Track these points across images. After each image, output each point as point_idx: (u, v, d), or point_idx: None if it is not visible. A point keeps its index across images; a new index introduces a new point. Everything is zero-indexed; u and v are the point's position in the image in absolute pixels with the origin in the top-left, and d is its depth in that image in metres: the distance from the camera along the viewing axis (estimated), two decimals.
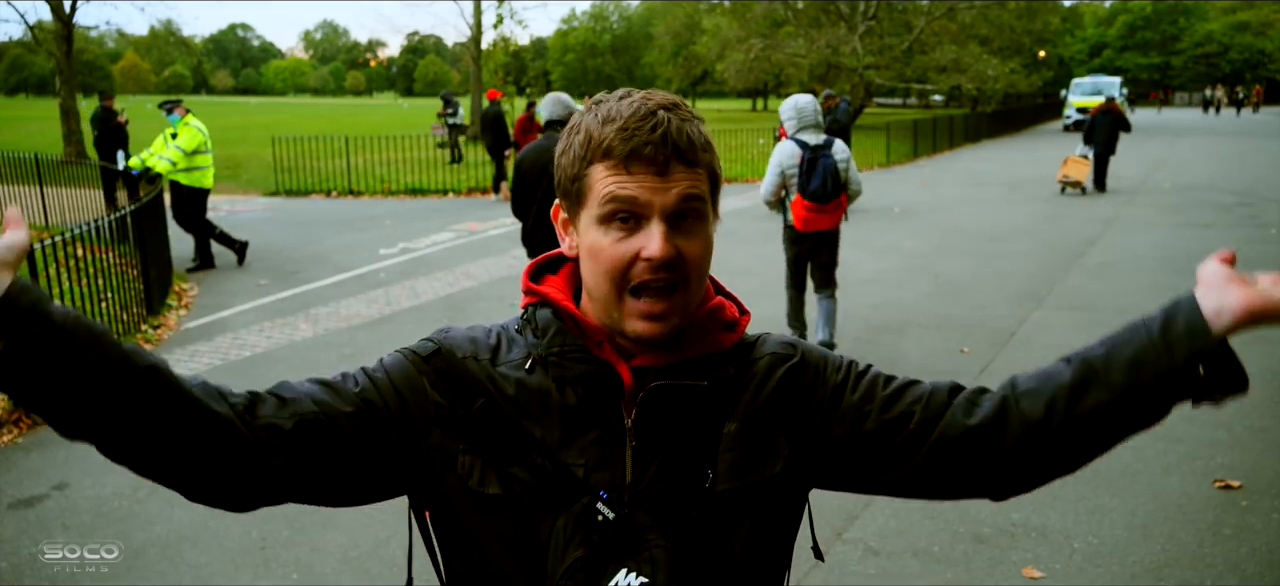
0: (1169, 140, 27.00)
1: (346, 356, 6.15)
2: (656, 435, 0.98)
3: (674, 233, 0.92)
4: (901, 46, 32.28)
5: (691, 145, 0.93)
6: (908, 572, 3.41)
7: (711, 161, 0.97)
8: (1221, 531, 3.65)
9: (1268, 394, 5.18)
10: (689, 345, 0.99)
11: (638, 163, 0.91)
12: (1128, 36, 68.29)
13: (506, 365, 1.01)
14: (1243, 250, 5.12)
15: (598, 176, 0.93)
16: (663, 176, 0.91)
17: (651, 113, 0.92)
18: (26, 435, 4.81)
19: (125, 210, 7.13)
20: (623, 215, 0.92)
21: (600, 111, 0.95)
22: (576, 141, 0.96)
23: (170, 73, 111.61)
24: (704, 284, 0.99)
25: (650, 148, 0.91)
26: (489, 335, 1.05)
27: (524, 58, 33.94)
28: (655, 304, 0.93)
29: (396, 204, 14.32)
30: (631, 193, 0.91)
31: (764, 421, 1.01)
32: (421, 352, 1.03)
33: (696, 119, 0.96)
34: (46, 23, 19.59)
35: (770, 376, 1.03)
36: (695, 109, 0.98)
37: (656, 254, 0.91)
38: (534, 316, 1.02)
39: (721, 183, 1.00)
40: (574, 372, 0.97)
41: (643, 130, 0.91)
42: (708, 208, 0.96)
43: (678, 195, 0.92)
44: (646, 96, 0.95)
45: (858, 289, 8.04)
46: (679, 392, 0.98)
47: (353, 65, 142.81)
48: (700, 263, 0.96)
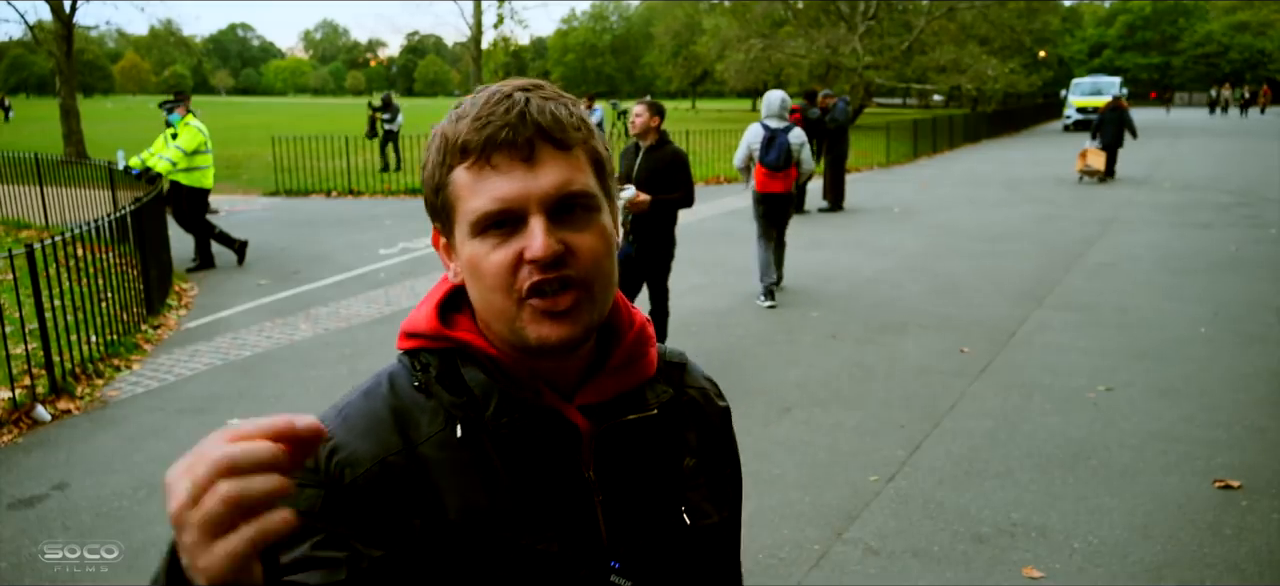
0: (1169, 140, 27.00)
1: (346, 356, 6.16)
2: (621, 482, 0.88)
3: (558, 226, 0.79)
4: (901, 46, 32.30)
5: (558, 123, 0.80)
6: (908, 572, 3.41)
7: (590, 141, 0.83)
8: (1221, 531, 3.65)
9: (1268, 394, 5.19)
10: (627, 372, 0.88)
11: (498, 152, 0.78)
12: (1127, 36, 68.31)
13: (429, 444, 0.83)
14: (1243, 250, 5.20)
15: (460, 182, 0.80)
16: (530, 163, 0.78)
17: (506, 95, 0.80)
18: (26, 435, 4.81)
19: (125, 210, 7.13)
20: (496, 219, 0.79)
21: (454, 111, 0.83)
22: (433, 149, 0.83)
23: (170, 73, 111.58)
24: (612, 287, 0.85)
25: (507, 130, 0.78)
26: (379, 407, 0.85)
27: (524, 58, 34.02)
28: (555, 300, 0.79)
29: (396, 204, 14.32)
30: (501, 195, 0.78)
31: (715, 452, 0.98)
32: (310, 508, 0.78)
33: (564, 98, 0.83)
34: (46, 23, 19.57)
35: (712, 407, 1.00)
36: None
37: (539, 252, 0.77)
38: (455, 373, 0.84)
39: (610, 168, 0.86)
40: (522, 434, 0.83)
41: (496, 115, 0.78)
42: (599, 196, 0.82)
43: (554, 184, 0.79)
44: (502, 84, 0.82)
45: (858, 289, 8.04)
46: (633, 429, 0.89)
47: (353, 65, 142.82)
48: (598, 258, 0.81)
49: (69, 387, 5.33)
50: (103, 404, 5.30)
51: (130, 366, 5.96)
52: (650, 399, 0.91)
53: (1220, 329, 6.56)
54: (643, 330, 0.91)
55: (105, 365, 5.83)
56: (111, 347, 6.05)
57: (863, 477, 4.20)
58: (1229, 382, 5.37)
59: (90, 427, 4.94)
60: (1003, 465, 4.30)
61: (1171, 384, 5.38)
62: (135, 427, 4.92)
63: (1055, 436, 4.62)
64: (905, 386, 5.42)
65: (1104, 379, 5.48)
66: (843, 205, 13.19)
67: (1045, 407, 5.04)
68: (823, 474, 4.25)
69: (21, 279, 6.46)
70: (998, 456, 4.41)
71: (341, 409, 0.86)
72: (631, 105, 7.94)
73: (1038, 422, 4.82)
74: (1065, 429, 4.72)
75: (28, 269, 5.40)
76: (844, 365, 5.85)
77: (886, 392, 5.33)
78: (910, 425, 4.81)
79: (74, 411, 5.15)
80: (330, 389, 5.51)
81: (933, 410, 5.01)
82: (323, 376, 5.75)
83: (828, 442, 4.61)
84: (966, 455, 4.42)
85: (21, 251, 5.48)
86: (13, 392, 5.11)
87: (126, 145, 10.83)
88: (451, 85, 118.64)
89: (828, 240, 10.66)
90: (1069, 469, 4.24)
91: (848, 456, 4.44)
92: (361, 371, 6.15)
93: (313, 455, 0.75)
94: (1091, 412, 4.95)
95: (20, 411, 4.95)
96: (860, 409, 5.08)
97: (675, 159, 5.48)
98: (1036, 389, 5.32)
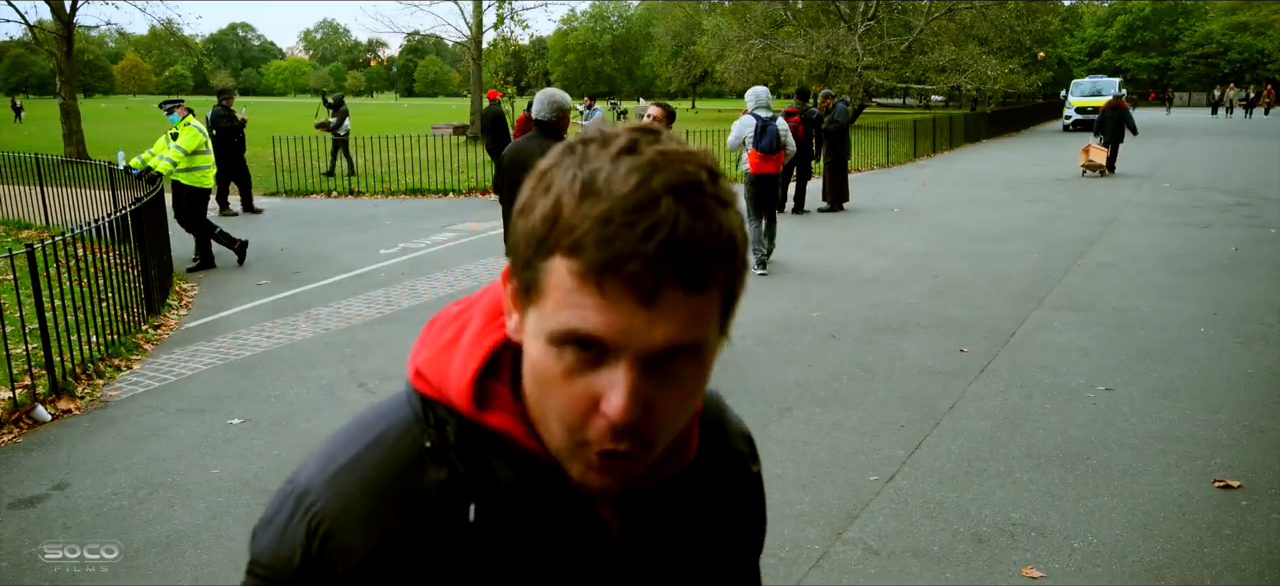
0: (1169, 140, 27.00)
1: (346, 356, 6.16)
2: (645, 559, 0.80)
3: (650, 379, 0.64)
4: (901, 47, 32.28)
5: (702, 256, 0.62)
6: (908, 572, 3.41)
7: (731, 274, 0.65)
8: (1221, 531, 3.65)
9: (1268, 394, 5.19)
10: (667, 465, 0.77)
11: (614, 281, 0.61)
12: (1127, 37, 68.30)
13: (436, 526, 0.72)
14: (1242, 251, 5.20)
15: (556, 278, 0.63)
16: (647, 306, 0.61)
17: (653, 200, 0.61)
18: (26, 435, 4.81)
19: (125, 210, 7.13)
20: (580, 343, 0.64)
21: (583, 171, 0.63)
22: (541, 207, 0.64)
23: (171, 73, 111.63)
24: (687, 421, 0.72)
25: (637, 264, 0.60)
26: (373, 475, 0.72)
27: (524, 58, 34.03)
28: (612, 467, 0.68)
29: (396, 204, 14.32)
30: (595, 328, 0.62)
31: (742, 511, 0.91)
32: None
33: (724, 202, 0.64)
34: (47, 23, 19.58)
35: (744, 473, 0.90)
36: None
37: (617, 416, 0.64)
38: (478, 449, 0.73)
39: (742, 291, 0.68)
40: (549, 529, 0.74)
41: (634, 231, 0.60)
42: (711, 343, 0.67)
43: (666, 339, 0.63)
44: (656, 161, 0.62)
45: (858, 289, 8.04)
46: (660, 512, 0.80)
47: (353, 65, 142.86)
48: (683, 411, 0.69)
49: (69, 387, 5.33)
50: (103, 404, 5.30)
51: (130, 366, 5.96)
52: (682, 484, 0.81)
53: (1220, 329, 6.56)
54: (688, 424, 0.78)
55: (106, 365, 5.83)
56: (112, 347, 6.05)
57: (863, 477, 4.20)
58: (1229, 382, 5.37)
59: (90, 427, 4.94)
60: (1003, 465, 4.30)
61: (1171, 384, 5.38)
62: (135, 427, 4.92)
63: (1055, 436, 4.62)
64: (905, 386, 5.42)
65: (1104, 379, 5.48)
66: (843, 205, 13.19)
67: (1045, 407, 5.04)
68: (823, 474, 4.25)
69: (22, 279, 6.47)
70: (998, 456, 4.41)
71: (331, 474, 0.73)
72: (631, 106, 7.93)
73: (1037, 422, 4.82)
74: (1065, 429, 4.72)
75: (28, 269, 5.40)
76: (844, 365, 5.85)
77: (886, 392, 5.33)
78: (910, 425, 4.81)
79: (74, 411, 5.16)
80: (330, 389, 5.52)
81: (933, 410, 5.01)
82: (323, 376, 5.75)
83: (828, 442, 4.61)
84: (966, 455, 4.42)
85: (22, 251, 5.48)
86: (13, 392, 5.11)
87: (126, 145, 10.84)
88: (452, 85, 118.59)
89: (828, 240, 10.66)
90: (1069, 469, 4.24)
91: (848, 456, 4.44)
92: (361, 372, 6.15)
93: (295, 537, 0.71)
94: (1091, 412, 4.95)
95: (20, 411, 4.95)
96: (860, 409, 5.08)
97: None
98: (1036, 389, 5.33)
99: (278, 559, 0.72)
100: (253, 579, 0.75)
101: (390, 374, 5.75)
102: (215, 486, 4.18)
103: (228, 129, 12.82)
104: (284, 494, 0.75)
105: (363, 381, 5.66)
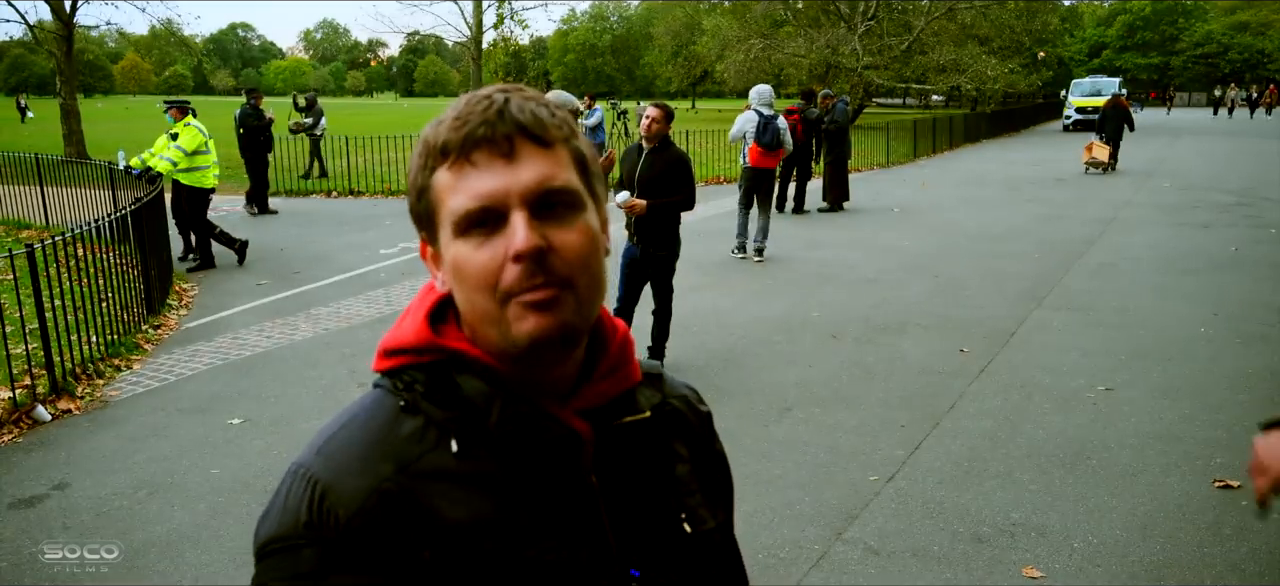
0: (1169, 140, 27.00)
1: (346, 356, 6.16)
2: (622, 489, 0.86)
3: (541, 223, 0.77)
4: (901, 47, 32.28)
5: (538, 120, 0.78)
6: (908, 572, 3.42)
7: (572, 140, 0.81)
8: (1221, 531, 3.66)
9: (1268, 394, 5.19)
10: (617, 377, 0.87)
11: (478, 149, 0.77)
12: (1127, 37, 68.29)
13: (423, 463, 0.79)
14: (1243, 250, 5.19)
15: (441, 184, 0.79)
16: (510, 159, 0.77)
17: (485, 96, 0.80)
18: (27, 435, 4.81)
19: (125, 210, 7.13)
20: (478, 217, 0.77)
21: (437, 118, 0.82)
22: (416, 155, 0.82)
23: (171, 73, 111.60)
24: (600, 288, 0.82)
25: (485, 127, 0.77)
26: (361, 435, 0.80)
27: (524, 58, 34.09)
28: (539, 293, 0.76)
29: (396, 204, 14.32)
30: (480, 193, 0.76)
31: (705, 459, 0.98)
32: (311, 569, 0.75)
33: (544, 99, 0.82)
34: (47, 23, 19.56)
35: (695, 414, 0.99)
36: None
37: (521, 245, 0.75)
38: (446, 386, 0.81)
39: (594, 168, 0.84)
40: (524, 442, 0.81)
41: (475, 113, 0.78)
42: (582, 194, 0.80)
43: (535, 179, 0.77)
44: (482, 89, 0.82)
45: (858, 289, 8.04)
46: (629, 436, 0.88)
47: (353, 65, 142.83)
48: (585, 256, 0.78)
49: (69, 387, 5.33)
50: (103, 404, 5.30)
51: (130, 366, 5.96)
52: (641, 401, 0.89)
53: (1220, 329, 6.56)
54: (626, 336, 0.90)
55: (106, 365, 5.83)
56: (112, 347, 6.05)
57: (863, 477, 4.20)
58: (1229, 382, 5.37)
59: (90, 427, 4.94)
60: (1003, 465, 4.30)
61: (1171, 384, 5.38)
62: (135, 427, 4.92)
63: (1055, 436, 4.62)
64: (905, 386, 5.42)
65: (1104, 379, 5.48)
66: (843, 205, 13.20)
67: (1045, 407, 5.04)
68: (823, 474, 4.25)
69: (22, 279, 6.47)
70: (998, 456, 4.41)
71: (319, 447, 0.81)
72: (631, 106, 7.93)
73: (1038, 422, 4.82)
74: (1065, 429, 4.72)
75: (28, 269, 5.40)
76: (844, 365, 5.85)
77: (886, 392, 5.33)
78: (910, 425, 4.82)
79: (74, 411, 5.16)
80: (330, 389, 5.52)
81: (933, 410, 5.01)
82: (323, 376, 5.75)
83: (828, 442, 4.61)
84: (966, 455, 4.42)
85: (22, 251, 5.48)
86: (13, 392, 5.11)
87: (126, 145, 10.84)
88: (452, 85, 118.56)
89: (828, 240, 10.67)
90: (1069, 469, 4.24)
91: (848, 456, 4.44)
92: (361, 372, 6.15)
93: (297, 503, 0.77)
94: (1091, 412, 4.95)
95: (20, 411, 4.95)
96: (860, 409, 5.08)
97: (679, 161, 5.51)
98: (1036, 389, 5.33)
99: (282, 528, 0.78)
100: (264, 563, 0.78)
101: None
102: (215, 486, 4.18)
103: (255, 127, 12.70)
104: (281, 482, 0.81)
105: (363, 381, 5.67)
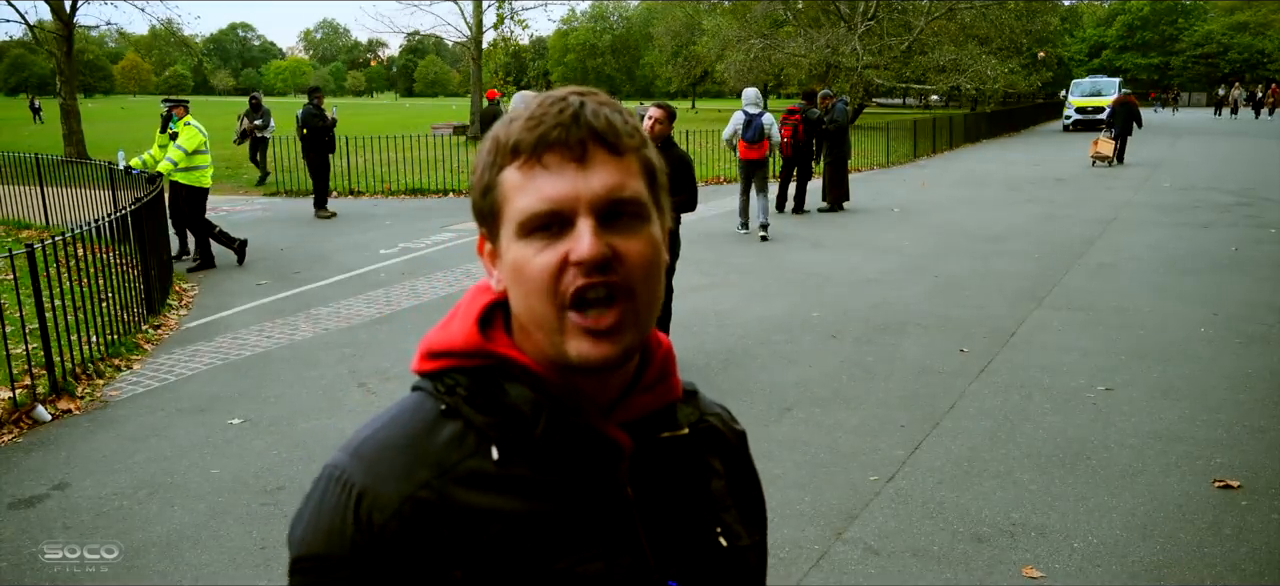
0: (1169, 140, 27.00)
1: (346, 356, 6.16)
2: (658, 503, 0.86)
3: (607, 230, 0.76)
4: (901, 47, 32.27)
5: (613, 129, 0.77)
6: (908, 572, 3.42)
7: (643, 150, 0.80)
8: (1221, 531, 3.65)
9: (1268, 394, 5.19)
10: (659, 391, 0.86)
11: (550, 152, 0.76)
12: (1127, 37, 68.30)
13: (462, 470, 0.78)
14: (1243, 250, 5.19)
15: (509, 182, 0.78)
16: (582, 164, 0.76)
17: (561, 99, 0.78)
18: (26, 435, 4.81)
19: (125, 210, 7.13)
20: (544, 220, 0.76)
21: (510, 115, 0.81)
22: (484, 152, 0.81)
23: (171, 73, 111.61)
24: (657, 304, 0.81)
25: (559, 130, 0.76)
26: (398, 438, 0.80)
27: (524, 58, 34.11)
28: (600, 317, 0.76)
29: (396, 204, 14.32)
30: (549, 197, 0.75)
31: (740, 476, 0.98)
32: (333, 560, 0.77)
33: (619, 106, 0.81)
34: (47, 23, 19.57)
35: (730, 432, 0.98)
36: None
37: (586, 254, 0.74)
38: (491, 391, 0.81)
39: (662, 181, 0.84)
40: (568, 454, 0.80)
41: (550, 115, 0.76)
42: (649, 206, 0.80)
43: (605, 186, 0.76)
44: (558, 90, 0.81)
45: (858, 289, 8.04)
46: (667, 450, 0.87)
47: (353, 65, 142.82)
48: (648, 267, 0.78)
49: (69, 387, 5.33)
50: (103, 404, 5.30)
51: (130, 366, 5.96)
52: (681, 417, 0.89)
53: (1220, 329, 6.56)
54: (669, 350, 0.89)
55: (105, 365, 5.83)
56: (112, 347, 6.05)
57: (863, 477, 4.20)
58: (1229, 382, 5.37)
59: (90, 427, 4.94)
60: (1003, 465, 4.30)
61: (1171, 384, 5.38)
62: (135, 427, 4.92)
63: (1055, 436, 4.62)
64: (905, 386, 5.42)
65: (1104, 379, 5.48)
66: (843, 205, 13.20)
67: (1045, 407, 5.04)
68: (823, 474, 4.25)
69: (22, 279, 6.47)
70: (998, 456, 4.41)
71: (356, 447, 0.80)
72: (632, 106, 7.92)
73: (1038, 422, 4.82)
74: (1065, 429, 4.72)
75: (28, 269, 5.40)
76: (844, 365, 5.85)
77: (886, 392, 5.33)
78: (910, 425, 4.81)
79: (74, 411, 5.16)
80: (330, 389, 5.52)
81: (933, 410, 5.01)
82: (323, 376, 5.75)
83: (828, 442, 4.61)
84: (966, 455, 4.42)
85: (22, 251, 5.48)
86: (13, 392, 5.11)
87: (126, 145, 10.84)
88: (452, 85, 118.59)
89: (828, 240, 10.67)
90: (1069, 469, 4.24)
91: (848, 456, 4.44)
92: (361, 372, 6.16)
93: (333, 510, 0.77)
94: (1091, 412, 4.95)
95: (20, 411, 4.95)
96: (860, 409, 5.08)
97: (680, 162, 5.51)
98: (1036, 389, 5.33)
99: (318, 532, 0.78)
100: (300, 575, 0.78)
101: (390, 374, 5.75)
102: (215, 486, 4.18)
103: (319, 128, 12.57)
104: (315, 483, 0.81)
105: (363, 381, 5.66)
